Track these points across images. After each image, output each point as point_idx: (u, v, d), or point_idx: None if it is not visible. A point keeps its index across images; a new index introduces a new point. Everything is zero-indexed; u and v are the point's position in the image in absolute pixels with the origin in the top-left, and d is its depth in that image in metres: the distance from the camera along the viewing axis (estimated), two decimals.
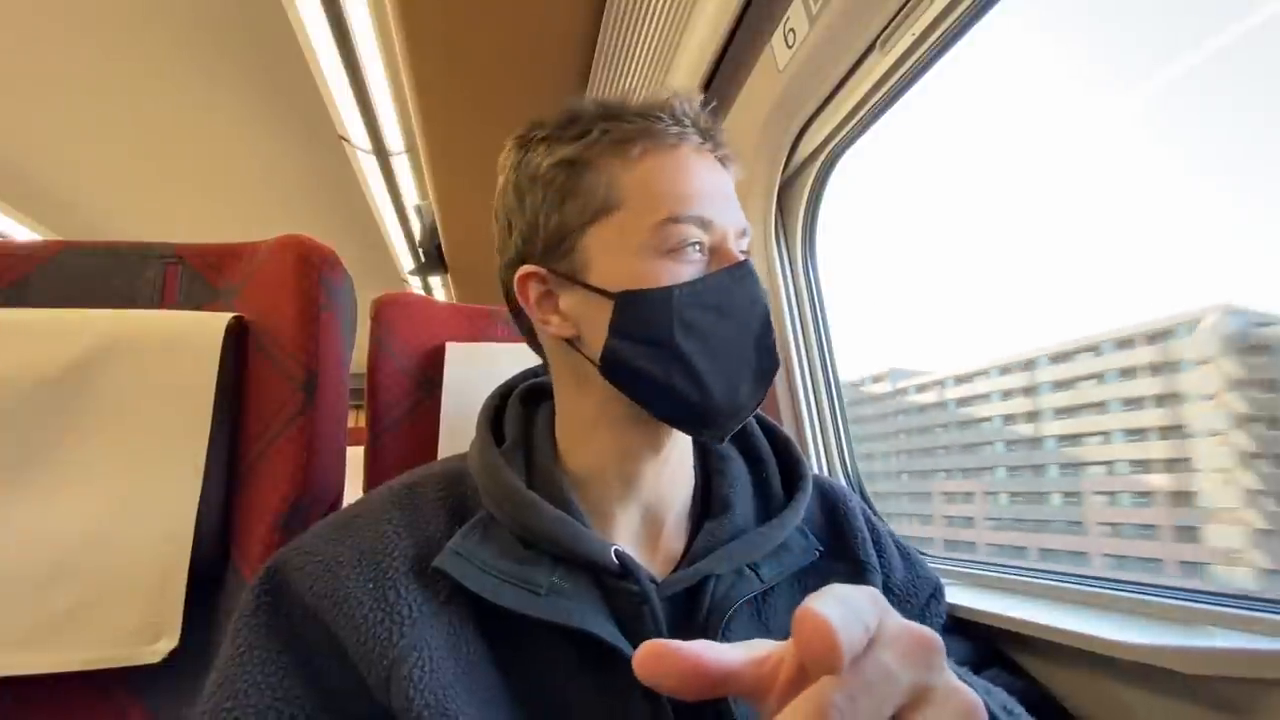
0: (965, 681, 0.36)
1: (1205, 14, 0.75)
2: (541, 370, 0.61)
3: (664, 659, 0.22)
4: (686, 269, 0.48)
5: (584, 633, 0.42)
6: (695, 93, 0.62)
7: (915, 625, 0.23)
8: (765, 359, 0.50)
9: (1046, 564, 0.94)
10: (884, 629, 0.22)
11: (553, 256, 0.50)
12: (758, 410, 0.62)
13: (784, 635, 0.23)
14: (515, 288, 0.52)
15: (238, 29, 2.02)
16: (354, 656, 0.41)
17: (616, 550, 0.46)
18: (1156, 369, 0.88)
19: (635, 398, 0.48)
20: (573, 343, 0.50)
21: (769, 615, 0.50)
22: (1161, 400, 0.89)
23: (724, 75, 1.02)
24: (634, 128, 0.49)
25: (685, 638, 0.46)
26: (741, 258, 0.49)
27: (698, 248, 0.48)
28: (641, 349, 0.47)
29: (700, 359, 0.47)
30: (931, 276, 1.24)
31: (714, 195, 0.50)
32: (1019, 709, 0.48)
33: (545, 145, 0.51)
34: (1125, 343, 0.94)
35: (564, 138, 0.50)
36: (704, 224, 0.48)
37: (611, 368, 0.48)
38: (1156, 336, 0.89)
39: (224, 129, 2.52)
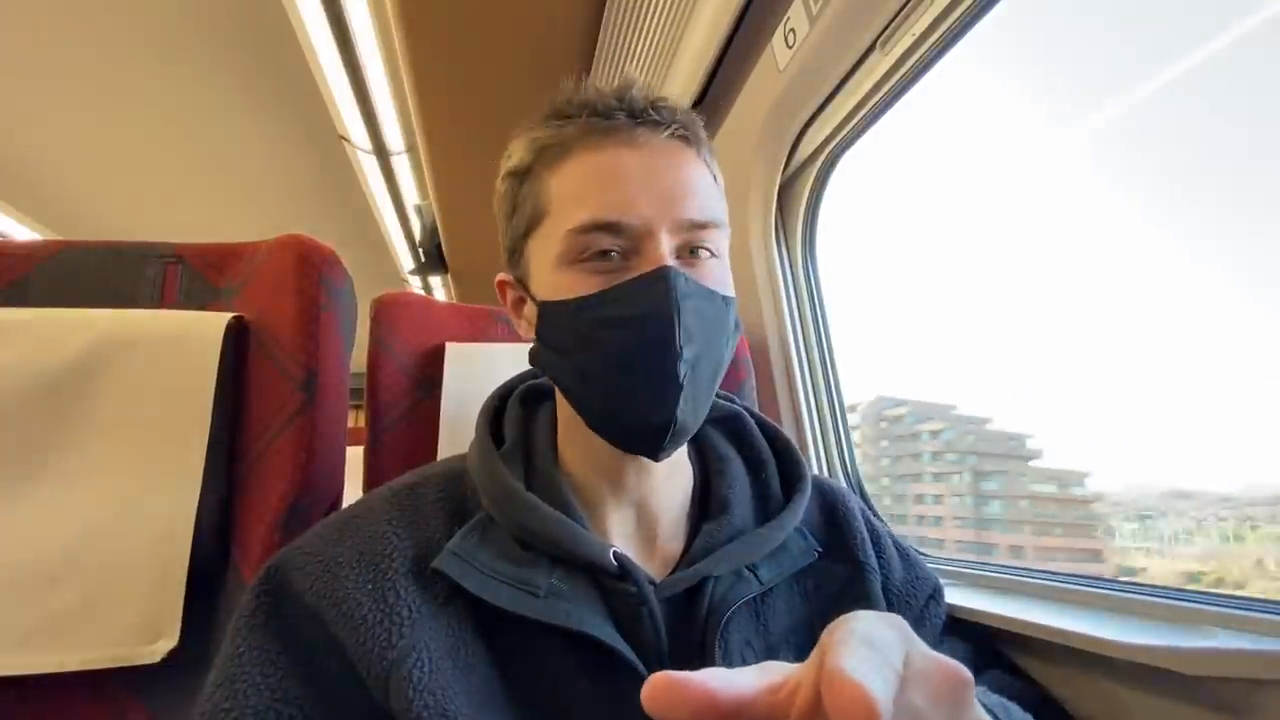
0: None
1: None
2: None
3: (674, 691, 0.21)
4: (599, 278, 0.45)
5: (582, 634, 0.42)
6: (687, 85, 0.61)
7: (943, 660, 0.22)
8: (665, 380, 0.44)
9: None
10: (911, 665, 0.21)
11: (514, 265, 0.53)
12: (758, 412, 0.62)
13: (782, 637, 0.23)
14: (496, 291, 0.55)
15: (238, 29, 2.02)
16: (353, 657, 0.41)
17: (615, 552, 0.46)
18: None
19: (573, 408, 0.49)
20: None
21: (768, 616, 0.49)
22: None
23: (724, 75, 1.02)
24: (561, 131, 0.48)
25: (684, 639, 0.46)
26: (665, 262, 0.44)
27: (612, 255, 0.45)
28: (557, 360, 0.49)
29: (601, 374, 0.46)
30: None
31: (641, 188, 0.46)
32: (1015, 709, 0.48)
33: (508, 155, 0.53)
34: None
35: (518, 147, 0.51)
36: (613, 228, 0.45)
37: (545, 374, 0.50)
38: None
39: (224, 129, 2.52)
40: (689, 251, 0.47)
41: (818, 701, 0.21)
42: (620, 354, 0.45)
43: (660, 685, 0.21)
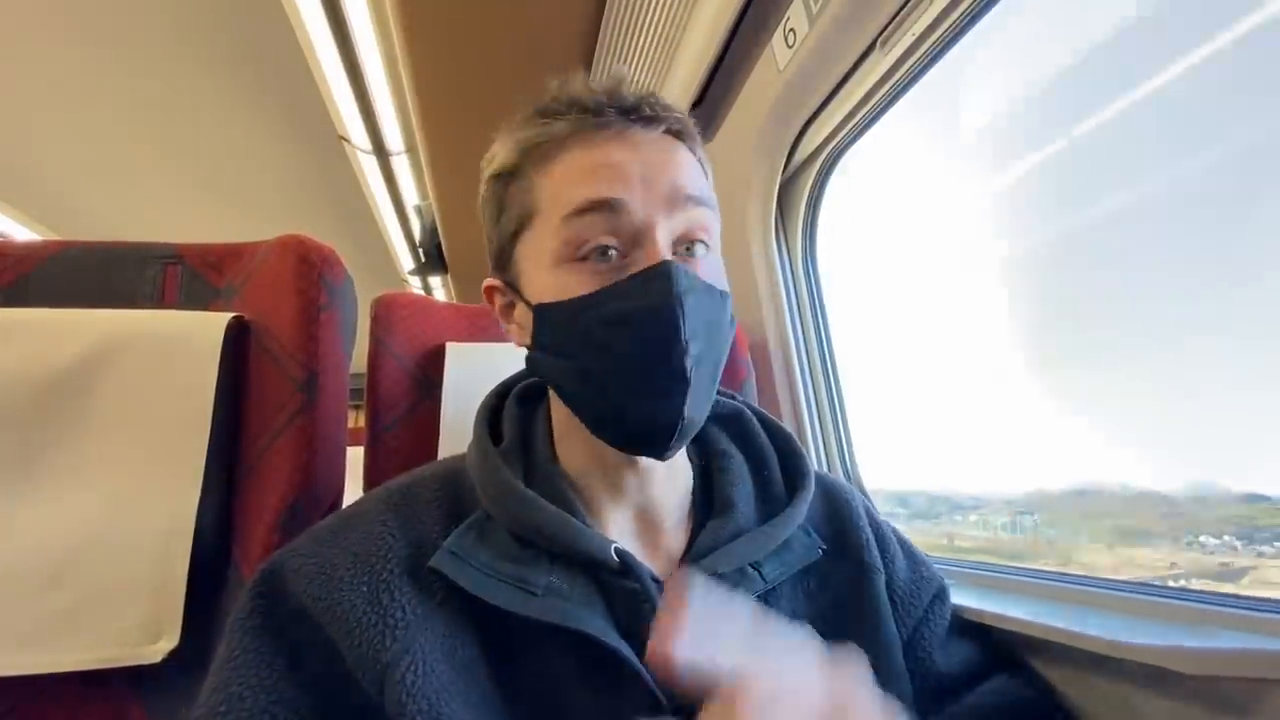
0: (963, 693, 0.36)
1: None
2: None
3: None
4: (596, 276, 0.45)
5: (581, 633, 0.42)
6: (687, 85, 0.61)
7: None
8: (675, 378, 0.44)
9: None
10: None
11: (502, 268, 0.52)
12: (760, 409, 0.62)
13: None
14: (484, 297, 0.54)
15: (238, 29, 2.02)
16: (348, 660, 0.41)
17: (617, 548, 0.45)
18: None
19: (569, 409, 0.49)
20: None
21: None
22: None
23: (724, 75, 1.02)
24: (550, 129, 0.47)
25: None
26: (663, 256, 0.44)
27: (610, 254, 0.45)
28: (556, 362, 0.48)
29: (606, 375, 0.45)
30: None
31: (633, 179, 0.45)
32: None
33: (491, 159, 0.52)
34: None
35: (503, 149, 0.51)
36: (612, 208, 0.44)
37: (542, 378, 0.49)
38: None
39: (224, 129, 2.52)
40: (684, 248, 0.47)
41: None
42: (626, 352, 0.44)
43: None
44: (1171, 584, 0.62)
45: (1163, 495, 0.71)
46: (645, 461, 0.50)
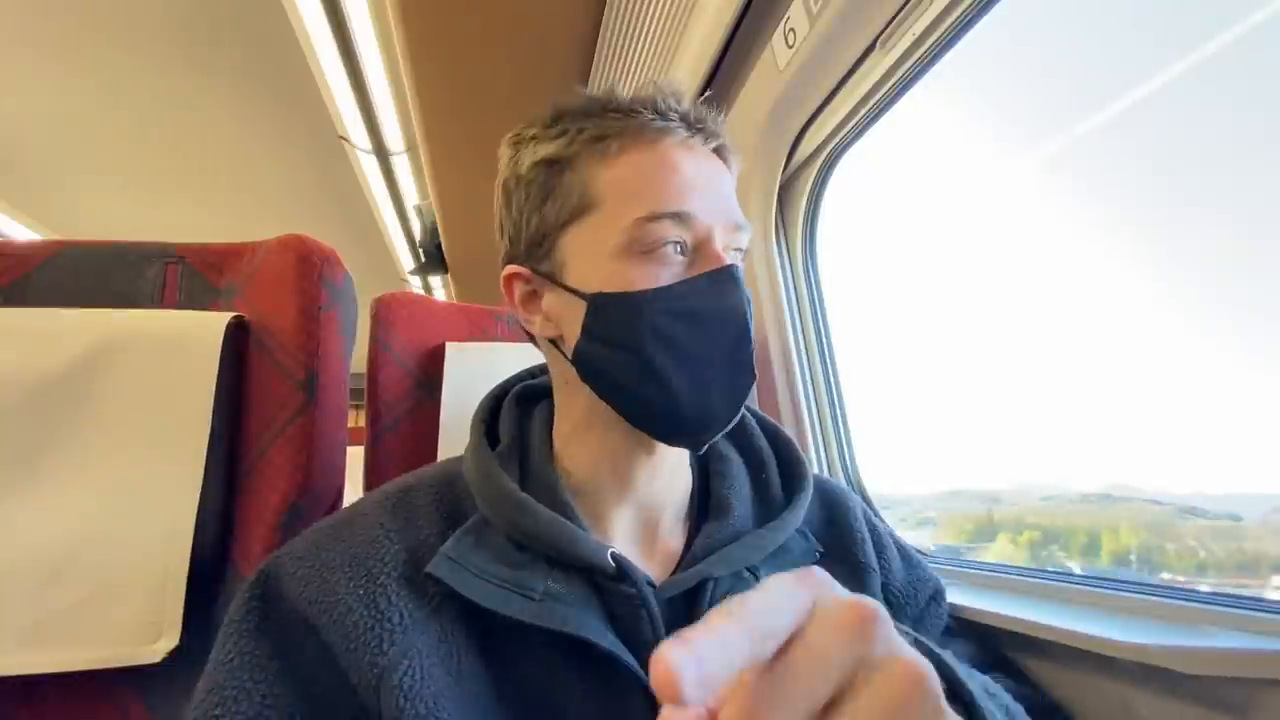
0: (957, 670, 0.36)
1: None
2: (539, 371, 0.60)
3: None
4: (663, 271, 0.46)
5: (579, 638, 0.42)
6: (687, 85, 0.61)
7: (853, 598, 0.22)
8: (740, 373, 0.48)
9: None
10: (816, 609, 0.21)
11: (535, 256, 0.51)
12: (759, 411, 0.62)
13: None
14: (503, 286, 0.53)
15: (238, 29, 2.02)
16: (344, 663, 0.41)
17: (613, 553, 0.45)
18: None
19: (608, 401, 0.48)
20: (556, 343, 0.51)
21: None
22: None
23: (724, 75, 1.02)
24: (614, 124, 0.48)
25: None
26: (725, 261, 0.47)
27: (677, 248, 0.46)
28: (611, 353, 0.47)
29: (670, 367, 0.46)
30: None
31: (698, 189, 0.47)
32: (1003, 693, 0.47)
33: (532, 144, 0.51)
34: None
35: (547, 137, 0.50)
36: (683, 219, 0.46)
37: (584, 370, 0.48)
38: None
39: (224, 129, 2.52)
40: (728, 255, 0.49)
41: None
42: (700, 347, 0.46)
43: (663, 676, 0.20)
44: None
45: None
46: (659, 456, 0.51)
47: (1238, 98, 0.65)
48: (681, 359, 0.46)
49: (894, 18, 0.75)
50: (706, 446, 0.49)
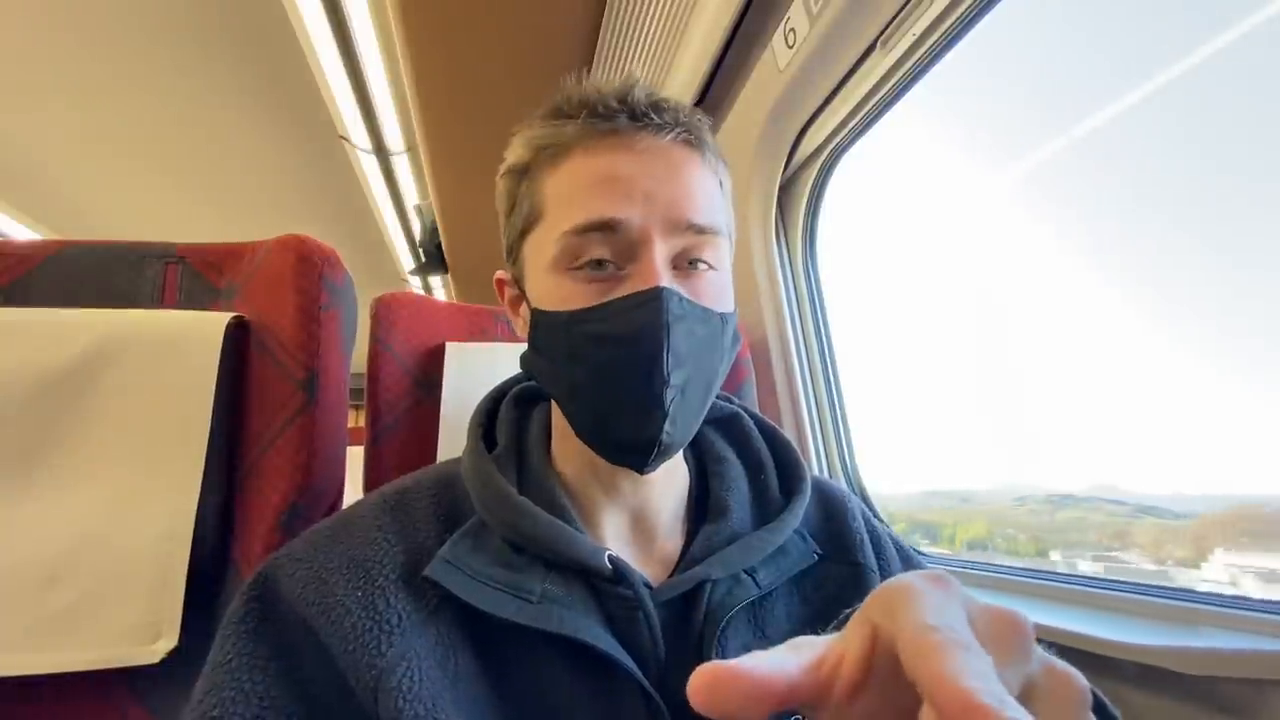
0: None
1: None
2: None
3: (723, 683, 0.19)
4: (589, 289, 0.45)
5: (577, 640, 0.41)
6: (687, 85, 0.60)
7: (998, 610, 0.20)
8: (654, 405, 0.43)
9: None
10: (973, 621, 0.20)
11: (512, 263, 0.52)
12: (757, 413, 0.62)
13: (781, 641, 0.22)
14: (495, 288, 0.55)
15: (238, 29, 2.02)
16: (342, 665, 0.41)
17: (609, 555, 0.45)
18: None
19: (563, 415, 0.49)
20: None
21: (766, 620, 0.49)
22: None
23: (724, 75, 1.02)
24: (560, 130, 0.47)
25: (681, 644, 0.46)
26: (659, 280, 0.43)
27: (607, 266, 0.44)
28: (547, 367, 0.48)
29: (589, 390, 0.45)
30: None
31: (636, 194, 0.44)
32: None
33: (510, 148, 0.52)
34: None
35: (519, 142, 0.50)
36: (613, 229, 0.44)
37: (535, 379, 0.49)
38: None
39: (224, 129, 2.52)
40: (687, 263, 0.46)
41: (866, 676, 0.20)
42: (608, 373, 0.44)
43: (709, 680, 0.20)
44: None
45: None
46: None
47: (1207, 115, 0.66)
48: (598, 382, 0.45)
49: (894, 18, 0.75)
50: (652, 469, 0.47)
